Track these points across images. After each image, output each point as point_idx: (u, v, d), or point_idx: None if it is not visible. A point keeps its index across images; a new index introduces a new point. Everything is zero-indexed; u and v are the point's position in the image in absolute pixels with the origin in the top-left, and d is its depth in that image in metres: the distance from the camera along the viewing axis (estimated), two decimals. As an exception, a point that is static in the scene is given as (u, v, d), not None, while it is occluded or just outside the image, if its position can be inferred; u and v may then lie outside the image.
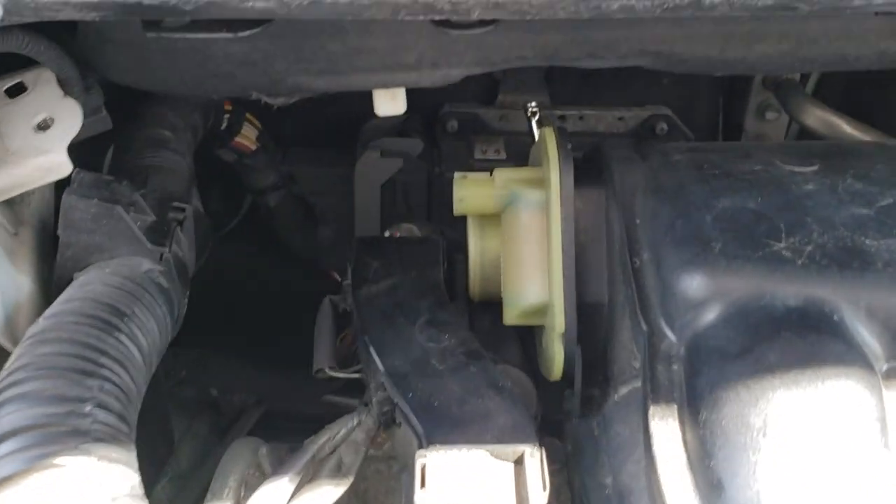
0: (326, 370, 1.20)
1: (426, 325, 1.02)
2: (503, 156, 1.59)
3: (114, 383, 0.76)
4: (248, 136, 1.55)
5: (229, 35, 0.84)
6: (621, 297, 0.96)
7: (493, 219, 1.13)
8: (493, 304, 1.15)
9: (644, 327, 0.87)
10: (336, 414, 1.85)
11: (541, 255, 1.05)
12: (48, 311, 0.84)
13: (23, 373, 0.74)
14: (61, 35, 0.98)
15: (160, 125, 1.30)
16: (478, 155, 1.58)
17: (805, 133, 1.75)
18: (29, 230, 1.02)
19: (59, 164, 0.97)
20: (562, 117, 1.65)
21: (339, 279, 1.77)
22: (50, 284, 1.01)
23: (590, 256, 1.02)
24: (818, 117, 1.52)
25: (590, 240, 1.02)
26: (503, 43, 0.91)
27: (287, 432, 1.82)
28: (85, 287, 0.88)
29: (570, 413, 1.05)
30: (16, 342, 0.89)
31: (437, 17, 0.76)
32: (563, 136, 1.03)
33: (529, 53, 0.93)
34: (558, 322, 1.00)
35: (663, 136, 1.63)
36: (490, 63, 0.94)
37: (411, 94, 1.16)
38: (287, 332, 1.83)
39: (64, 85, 1.01)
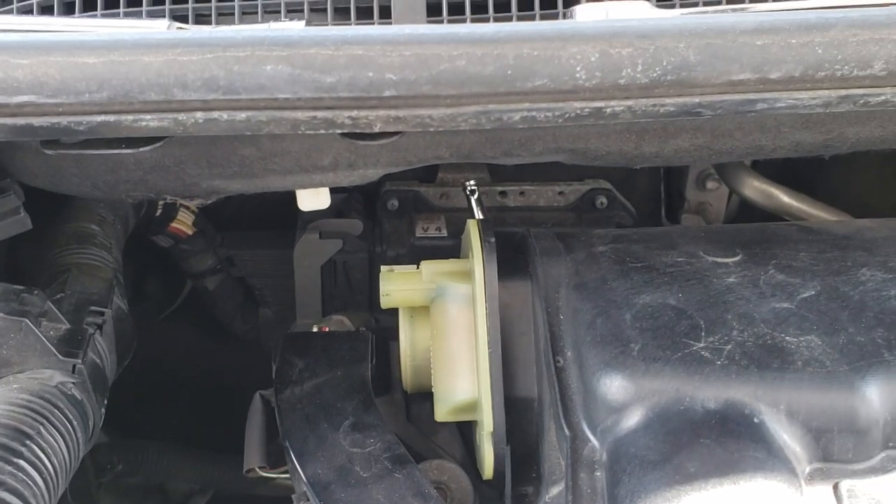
0: (257, 469, 1.17)
1: (351, 429, 0.99)
2: (444, 233, 1.58)
3: (8, 516, 0.73)
4: (184, 222, 1.53)
5: (128, 151, 0.83)
6: (547, 396, 0.94)
7: (423, 310, 1.11)
8: (428, 394, 1.14)
9: (567, 432, 0.85)
10: (284, 497, 1.81)
11: (469, 349, 1.03)
12: (-55, 436, 0.80)
13: None
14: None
15: (87, 219, 1.27)
16: (419, 233, 1.57)
17: (745, 202, 1.77)
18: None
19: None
20: (502, 193, 1.65)
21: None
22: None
23: (517, 351, 1.00)
24: (756, 188, 1.54)
25: (517, 332, 1.01)
26: (418, 144, 0.90)
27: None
28: (-13, 407, 0.85)
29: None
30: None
31: (336, 132, 0.75)
32: (486, 228, 1.02)
33: (445, 153, 0.92)
34: (487, 421, 0.98)
35: (603, 210, 1.63)
36: (406, 162, 0.93)
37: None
38: (231, 415, 1.80)
39: (-21, 190, 0.98)
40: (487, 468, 1.00)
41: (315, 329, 1.23)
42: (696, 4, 0.95)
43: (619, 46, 0.71)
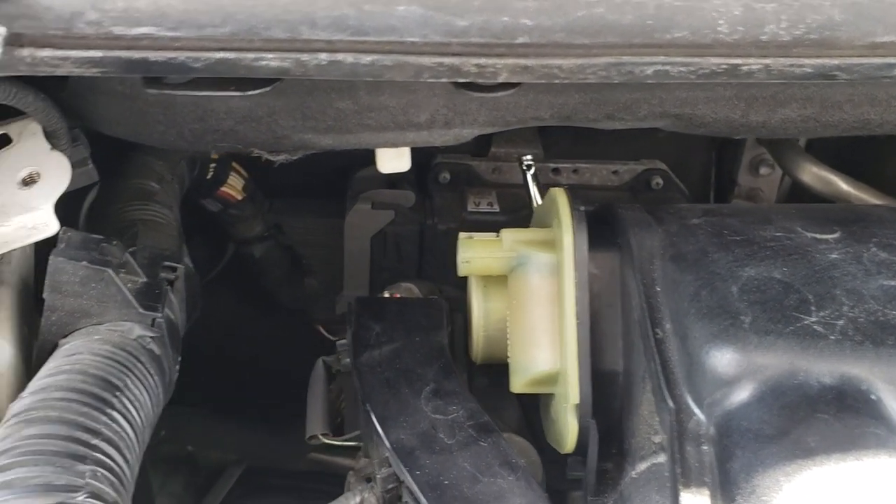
0: (320, 436, 1.14)
1: (432, 394, 0.96)
2: (496, 208, 1.55)
3: (107, 468, 0.70)
4: (234, 186, 1.50)
5: (237, 94, 0.80)
6: (641, 369, 0.91)
7: (497, 279, 1.08)
8: (491, 365, 1.11)
9: (671, 404, 0.82)
10: (320, 472, 1.79)
11: (551, 320, 1.00)
12: (33, 385, 0.77)
13: (7, 458, 0.67)
14: (49, 85, 0.93)
15: (147, 176, 1.24)
16: (470, 207, 1.55)
17: (797, 189, 1.74)
18: (8, 290, 0.96)
19: (45, 223, 0.90)
20: (555, 170, 1.62)
21: (325, 333, 1.73)
22: (31, 349, 0.95)
23: (604, 323, 0.98)
24: (814, 174, 1.51)
25: (604, 305, 0.98)
26: (520, 103, 0.87)
27: (269, 490, 1.75)
28: (72, 357, 0.82)
29: (581, 487, 1.00)
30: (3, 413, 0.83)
31: (460, 80, 0.72)
32: (574, 197, 1.00)
33: (546, 114, 0.89)
34: (572, 393, 0.95)
35: (658, 191, 1.61)
36: (505, 123, 0.90)
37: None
38: (270, 386, 1.77)
39: (51, 137, 0.95)
40: (569, 442, 0.97)
41: (387, 295, 1.20)
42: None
43: (763, 1, 0.68)
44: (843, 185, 1.50)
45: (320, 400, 1.17)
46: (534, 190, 1.51)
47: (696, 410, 0.82)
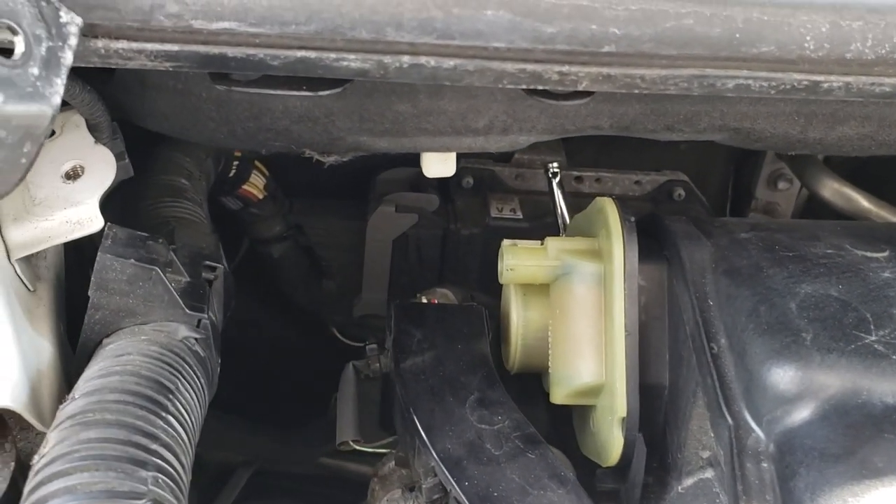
0: (351, 443, 1.13)
1: (477, 404, 0.95)
2: (519, 215, 1.54)
3: (167, 474, 0.68)
4: (255, 185, 1.49)
5: (308, 94, 0.78)
6: (692, 383, 0.90)
7: (537, 288, 1.07)
8: (520, 374, 1.10)
9: (729, 420, 0.82)
10: (330, 477, 1.77)
11: (596, 331, 0.99)
12: (84, 386, 0.75)
13: (67, 462, 0.65)
14: (94, 77, 0.91)
15: (176, 172, 1.22)
16: (494, 213, 1.53)
17: (814, 204, 1.75)
18: (46, 287, 0.93)
19: (89, 218, 0.88)
20: (578, 178, 1.62)
21: (340, 336, 1.71)
22: (67, 347, 0.93)
23: (650, 336, 0.97)
24: (835, 190, 1.51)
25: (651, 318, 0.97)
26: (581, 112, 0.86)
27: (276, 493, 1.73)
28: (121, 357, 0.80)
29: (615, 499, 0.99)
30: (41, 417, 0.80)
31: (539, 87, 0.71)
32: (623, 207, 0.99)
33: (605, 124, 0.88)
34: (620, 406, 0.94)
35: (680, 202, 1.61)
36: (563, 131, 0.89)
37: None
38: (281, 388, 1.75)
39: (93, 130, 0.93)
40: (613, 455, 0.96)
41: (424, 300, 1.19)
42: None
43: (849, 18, 0.67)
44: (863, 202, 1.50)
45: (351, 405, 1.15)
46: (559, 197, 1.50)
47: (755, 427, 0.82)
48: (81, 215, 0.88)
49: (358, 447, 1.11)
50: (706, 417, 0.89)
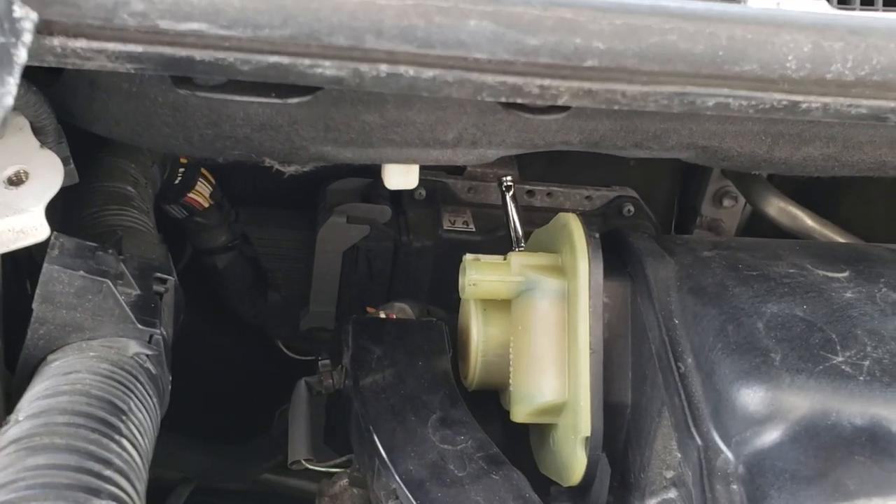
0: (303, 462, 1.09)
1: (439, 423, 0.93)
2: (472, 228, 1.53)
3: (122, 503, 0.64)
4: (201, 193, 1.44)
5: (276, 101, 0.75)
6: (657, 402, 0.89)
7: (497, 304, 1.06)
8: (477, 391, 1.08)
9: (698, 441, 0.81)
10: (270, 493, 1.72)
11: (559, 349, 0.98)
12: (29, 408, 0.70)
13: (12, 492, 0.60)
14: (40, 78, 0.86)
15: (121, 179, 1.17)
16: (446, 225, 1.52)
17: (757, 222, 1.77)
18: (-17, 295, 0.88)
19: (34, 227, 0.83)
20: (529, 192, 1.61)
21: (285, 350, 1.66)
22: (2, 364, 0.87)
23: (613, 353, 0.96)
24: (780, 208, 1.54)
25: (614, 335, 0.96)
26: (551, 127, 0.85)
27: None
28: (69, 375, 0.75)
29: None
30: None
31: (519, 101, 0.69)
32: (588, 224, 0.98)
33: (575, 139, 0.87)
34: (583, 425, 0.93)
35: (629, 218, 1.62)
36: (532, 145, 0.88)
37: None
38: (223, 402, 1.70)
39: (38, 134, 0.88)
40: (576, 475, 0.95)
41: (382, 315, 1.16)
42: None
43: (831, 39, 0.67)
44: (808, 221, 1.52)
45: (304, 423, 1.11)
46: (512, 211, 1.49)
47: (724, 448, 0.81)
48: (25, 224, 0.83)
49: (311, 466, 1.07)
50: (671, 437, 0.89)
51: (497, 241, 1.51)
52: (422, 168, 1.55)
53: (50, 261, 0.80)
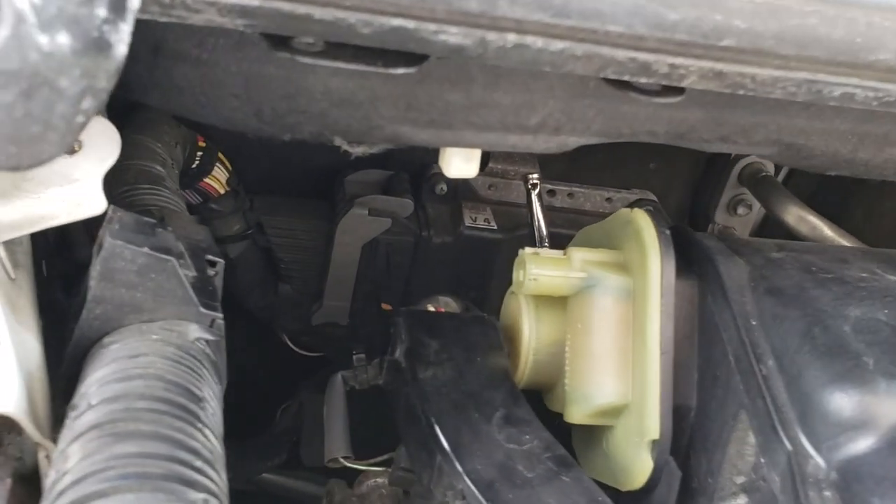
0: (341, 459, 1.04)
1: (503, 421, 0.88)
2: (493, 225, 1.50)
3: (216, 496, 0.59)
4: (217, 179, 1.38)
5: (382, 69, 0.70)
6: (732, 405, 0.86)
7: (549, 300, 1.02)
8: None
9: (788, 446, 0.78)
10: (275, 493, 1.65)
11: (622, 348, 0.95)
12: (101, 392, 0.64)
13: (102, 482, 0.55)
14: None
15: (150, 158, 1.11)
16: (468, 222, 1.48)
17: (769, 230, 1.77)
18: (24, 274, 0.81)
19: (91, 198, 0.77)
20: (551, 192, 1.58)
21: (290, 344, 1.60)
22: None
23: (680, 354, 0.93)
24: (799, 216, 1.53)
25: (681, 336, 0.93)
26: (639, 115, 0.81)
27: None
28: (138, 359, 0.69)
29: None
30: (39, 424, 0.69)
31: (643, 80, 0.66)
32: (658, 220, 0.94)
33: (661, 129, 0.83)
34: (650, 428, 0.90)
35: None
36: (617, 134, 0.84)
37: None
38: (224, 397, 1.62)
39: (90, 100, 0.82)
40: (639, 479, 0.92)
41: (431, 308, 1.11)
42: None
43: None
44: (826, 230, 1.52)
45: (340, 419, 1.06)
46: (538, 209, 1.46)
47: (814, 453, 0.78)
48: (82, 194, 0.77)
49: (349, 464, 1.02)
50: (746, 441, 0.86)
51: (519, 240, 1.47)
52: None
53: (112, 235, 0.74)
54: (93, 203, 0.77)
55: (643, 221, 0.94)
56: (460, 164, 0.94)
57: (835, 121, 0.84)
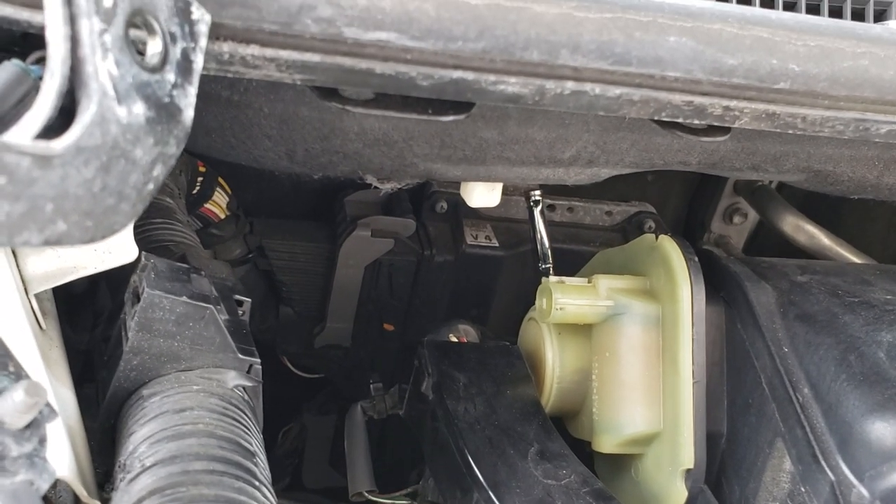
0: (365, 493, 1.03)
1: (539, 456, 0.88)
2: (495, 242, 1.49)
3: (283, 560, 0.58)
4: (218, 204, 1.36)
5: (434, 118, 0.68)
6: (767, 433, 0.87)
7: (573, 328, 1.02)
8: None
9: (830, 475, 0.78)
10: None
11: (652, 377, 0.95)
12: (153, 451, 0.62)
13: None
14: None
15: (160, 190, 1.09)
16: (469, 240, 1.47)
17: (762, 238, 1.78)
18: (52, 322, 0.79)
19: (121, 246, 0.75)
20: (550, 207, 1.58)
21: (290, 367, 1.58)
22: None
23: (710, 382, 0.93)
24: (796, 225, 1.54)
25: (710, 363, 0.93)
26: (673, 146, 0.81)
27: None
28: (183, 414, 0.67)
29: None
30: (86, 482, 0.67)
31: (700, 122, 0.65)
32: (685, 246, 0.95)
33: (693, 160, 0.84)
34: (685, 456, 0.90)
35: (650, 234, 1.60)
36: (650, 164, 0.84)
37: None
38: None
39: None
40: (672, 507, 0.92)
41: (453, 338, 1.10)
42: None
43: None
44: (824, 240, 1.53)
45: (362, 452, 1.05)
46: (541, 226, 1.46)
47: (856, 482, 0.79)
48: (112, 243, 0.75)
49: (374, 498, 1.01)
50: (781, 469, 0.86)
51: (520, 257, 1.47)
52: (440, 181, 1.51)
53: (150, 285, 0.72)
54: (123, 251, 0.75)
55: (670, 247, 0.94)
56: (483, 193, 0.94)
57: (862, 148, 0.85)
